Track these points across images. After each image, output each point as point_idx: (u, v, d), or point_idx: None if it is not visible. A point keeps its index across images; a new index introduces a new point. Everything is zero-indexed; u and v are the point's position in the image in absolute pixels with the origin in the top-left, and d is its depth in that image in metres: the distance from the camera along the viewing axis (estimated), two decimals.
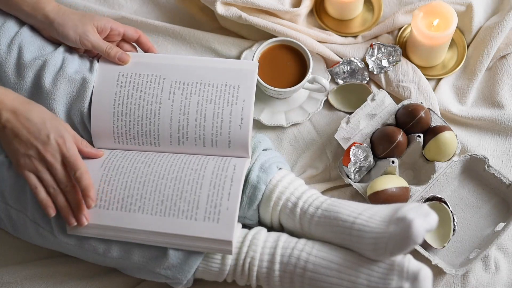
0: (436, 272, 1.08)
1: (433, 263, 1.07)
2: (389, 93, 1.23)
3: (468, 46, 1.28)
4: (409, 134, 1.16)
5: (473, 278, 1.10)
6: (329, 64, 1.26)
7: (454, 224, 1.10)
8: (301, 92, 1.23)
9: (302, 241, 1.02)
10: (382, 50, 1.25)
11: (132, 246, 1.02)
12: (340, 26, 1.30)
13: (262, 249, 1.02)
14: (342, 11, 1.29)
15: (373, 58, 1.24)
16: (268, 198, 1.06)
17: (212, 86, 1.09)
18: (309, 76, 1.17)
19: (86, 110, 1.08)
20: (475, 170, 1.17)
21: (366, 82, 1.25)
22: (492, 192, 1.16)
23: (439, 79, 1.26)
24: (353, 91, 1.24)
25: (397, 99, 1.22)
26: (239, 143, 1.08)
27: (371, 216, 0.99)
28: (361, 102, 1.19)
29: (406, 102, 1.18)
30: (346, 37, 1.29)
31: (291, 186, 1.06)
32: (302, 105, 1.23)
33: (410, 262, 0.96)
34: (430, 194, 1.13)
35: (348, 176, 1.15)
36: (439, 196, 1.12)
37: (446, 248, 1.11)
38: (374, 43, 1.25)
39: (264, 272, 1.01)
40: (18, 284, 1.10)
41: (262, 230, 1.05)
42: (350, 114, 1.19)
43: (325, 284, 0.98)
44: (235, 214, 1.00)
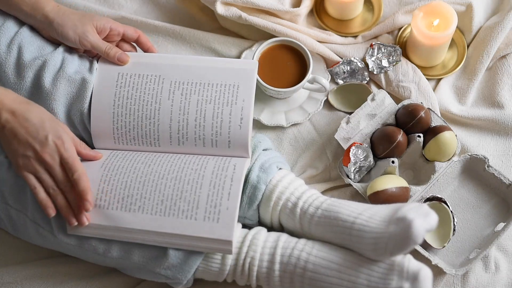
0: (436, 272, 1.08)
1: (433, 263, 1.07)
2: (389, 93, 1.23)
3: (468, 46, 1.28)
4: (409, 134, 1.16)
5: (473, 278, 1.10)
6: (329, 64, 1.26)
7: (454, 224, 1.10)
8: (301, 92, 1.23)
9: (302, 241, 1.02)
10: (382, 50, 1.25)
11: (132, 246, 1.02)
12: (340, 26, 1.30)
13: (262, 249, 1.02)
14: (342, 11, 1.29)
15: (373, 58, 1.24)
16: (268, 198, 1.06)
17: (211, 86, 1.09)
18: (309, 76, 1.17)
19: (86, 111, 1.08)
20: (475, 170, 1.17)
21: (366, 82, 1.25)
22: (492, 192, 1.16)
23: (439, 79, 1.26)
24: (353, 91, 1.23)
25: (397, 99, 1.22)
26: (239, 143, 1.08)
27: (371, 216, 0.99)
28: (361, 102, 1.19)
29: (406, 102, 1.18)
30: (346, 37, 1.29)
31: (291, 186, 1.06)
32: (302, 105, 1.23)
33: (410, 262, 0.96)
34: (430, 194, 1.13)
35: (348, 176, 1.15)
36: (439, 196, 1.12)
37: (446, 248, 1.11)
38: (374, 43, 1.25)
39: (264, 272, 1.01)
40: (18, 284, 1.09)
41: (262, 230, 1.05)
42: (350, 114, 1.18)
43: (325, 284, 0.98)
44: (235, 214, 0.99)
